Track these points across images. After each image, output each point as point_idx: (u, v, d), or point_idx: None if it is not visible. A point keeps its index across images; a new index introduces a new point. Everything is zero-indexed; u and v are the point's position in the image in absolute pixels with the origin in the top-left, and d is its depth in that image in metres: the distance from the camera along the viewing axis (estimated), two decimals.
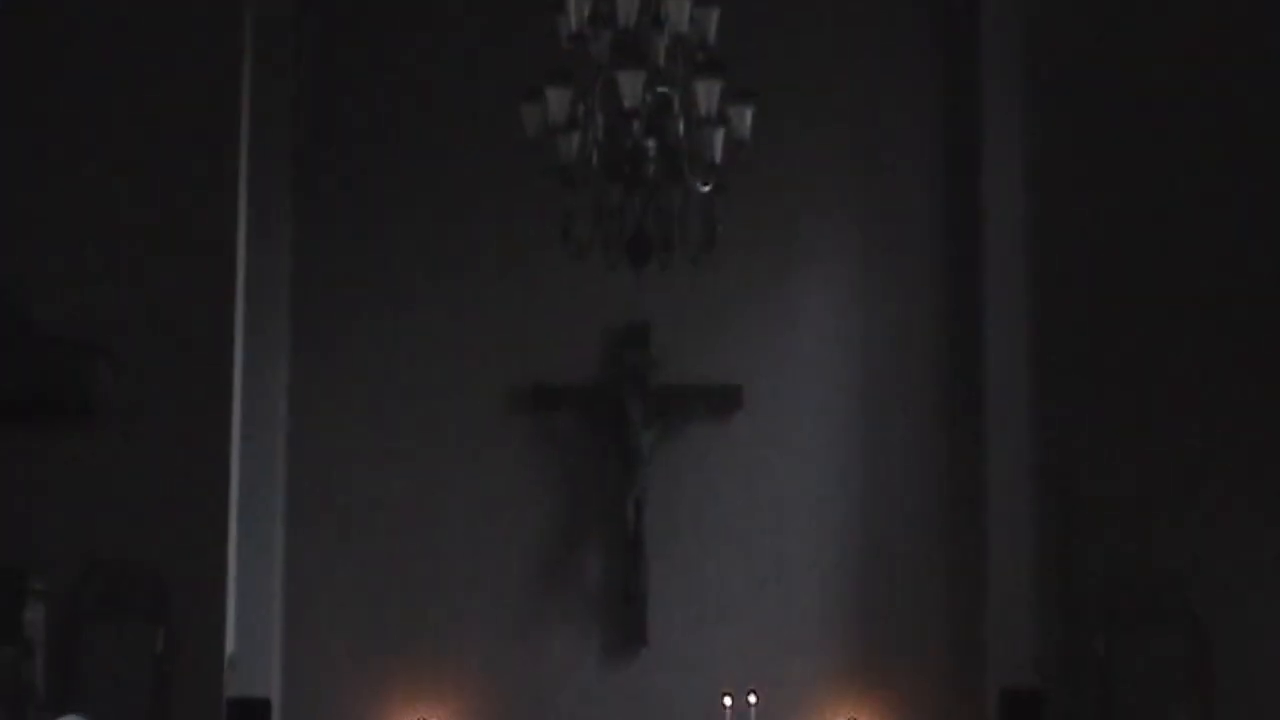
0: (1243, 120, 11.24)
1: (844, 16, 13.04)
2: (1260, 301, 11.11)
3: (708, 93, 8.56)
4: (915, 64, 13.03)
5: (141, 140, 11.03)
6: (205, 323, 10.98)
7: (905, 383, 12.78)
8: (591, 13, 8.59)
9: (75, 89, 11.06)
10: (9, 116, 10.86)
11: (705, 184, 8.69)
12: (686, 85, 8.64)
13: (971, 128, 12.63)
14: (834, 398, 12.75)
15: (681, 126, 8.66)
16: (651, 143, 8.57)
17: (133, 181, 11.02)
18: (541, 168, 8.81)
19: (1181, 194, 11.24)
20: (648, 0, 8.54)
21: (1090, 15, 11.33)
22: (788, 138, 12.62)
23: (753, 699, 11.92)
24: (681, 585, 12.60)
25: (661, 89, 8.62)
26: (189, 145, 11.06)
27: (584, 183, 8.72)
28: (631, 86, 8.38)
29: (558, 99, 8.64)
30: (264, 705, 11.04)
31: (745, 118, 8.85)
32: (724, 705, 11.77)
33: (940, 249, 12.88)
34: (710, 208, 8.76)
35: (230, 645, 11.17)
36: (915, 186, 12.95)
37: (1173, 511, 11.01)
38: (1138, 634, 10.90)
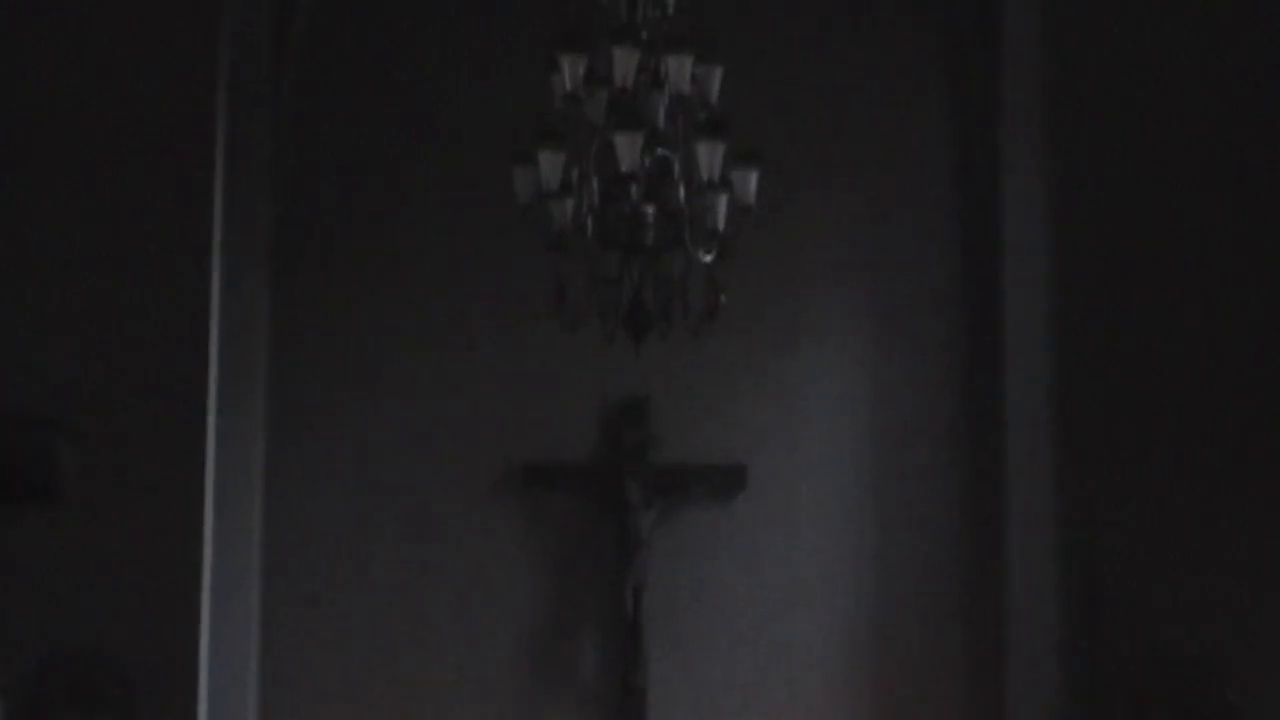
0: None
1: (853, 75, 13.10)
2: None
3: (710, 155, 8.53)
4: (929, 125, 13.08)
5: (109, 209, 10.98)
6: (176, 399, 10.90)
7: (919, 461, 12.79)
8: (587, 71, 8.55)
9: (41, 155, 11.01)
10: None
11: (707, 252, 8.66)
12: (687, 147, 8.61)
13: (989, 191, 12.62)
14: (844, 477, 12.75)
15: (682, 191, 8.64)
16: (650, 208, 8.56)
17: (100, 253, 10.96)
18: (534, 234, 8.78)
19: (1213, 261, 11.17)
20: (646, 58, 8.51)
21: (1114, 71, 11.28)
22: (794, 202, 12.68)
23: None
24: (683, 676, 12.58)
25: (661, 151, 8.59)
26: (160, 213, 11.00)
27: (579, 250, 8.66)
28: (629, 149, 8.34)
29: (550, 162, 8.61)
30: None
31: (749, 182, 8.83)
32: None
33: (957, 319, 12.90)
34: (712, 277, 8.72)
35: None
36: (929, 253, 12.98)
37: (1206, 594, 10.89)
38: None
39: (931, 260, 12.97)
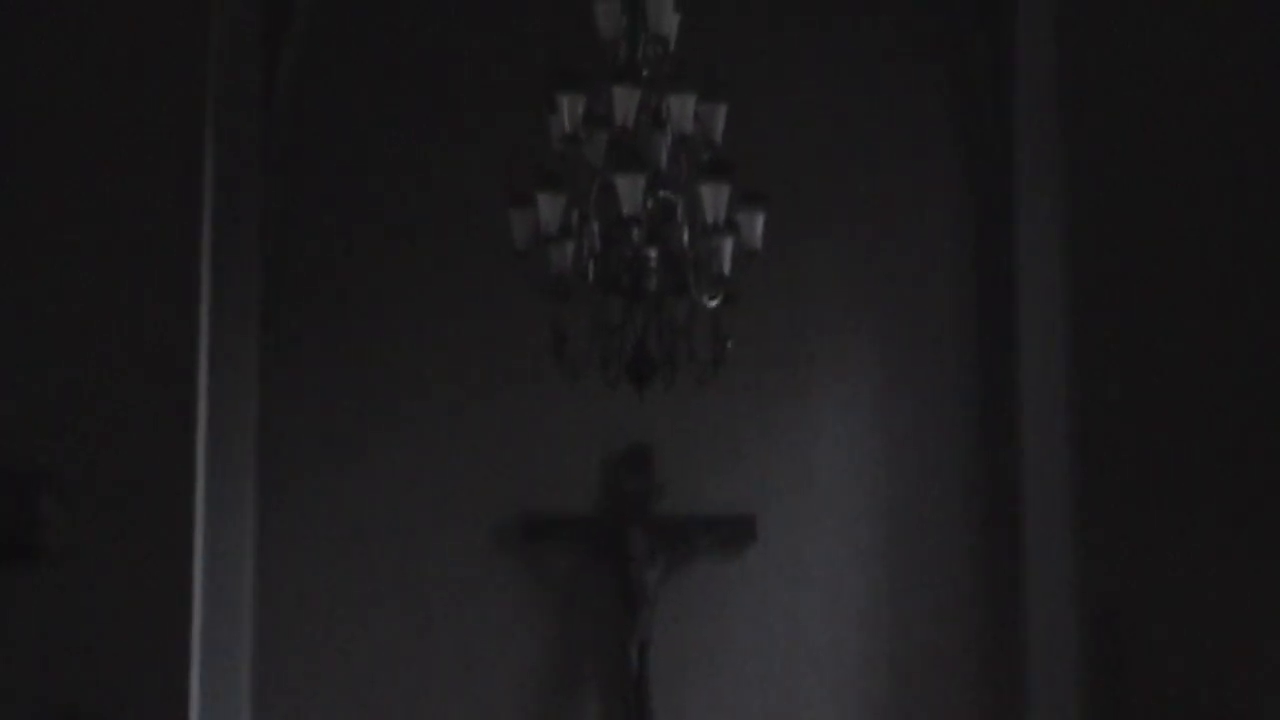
0: None
1: (862, 112, 13.12)
2: None
3: (714, 197, 8.50)
4: (940, 163, 13.09)
5: (96, 259, 10.93)
6: (164, 453, 10.84)
7: (933, 510, 12.77)
8: (586, 111, 8.52)
9: (29, 205, 10.98)
10: None
11: (712, 297, 8.61)
12: (691, 189, 8.58)
13: (1003, 230, 12.58)
14: (855, 528, 12.73)
15: (686, 234, 8.61)
16: (653, 252, 8.53)
17: (87, 304, 10.91)
18: (533, 280, 8.73)
19: (1230, 316, 11.09)
20: (647, 97, 8.47)
21: (1133, 103, 11.25)
22: (802, 245, 12.69)
23: None
24: None
25: (664, 193, 8.55)
26: (147, 263, 10.96)
27: (580, 296, 8.62)
28: (631, 191, 8.32)
29: (550, 205, 8.58)
30: None
31: (755, 224, 8.79)
32: None
33: (970, 364, 12.90)
34: (718, 322, 8.72)
35: None
36: (940, 296, 12.98)
37: (1233, 650, 10.80)
38: None
39: (943, 303, 12.96)
